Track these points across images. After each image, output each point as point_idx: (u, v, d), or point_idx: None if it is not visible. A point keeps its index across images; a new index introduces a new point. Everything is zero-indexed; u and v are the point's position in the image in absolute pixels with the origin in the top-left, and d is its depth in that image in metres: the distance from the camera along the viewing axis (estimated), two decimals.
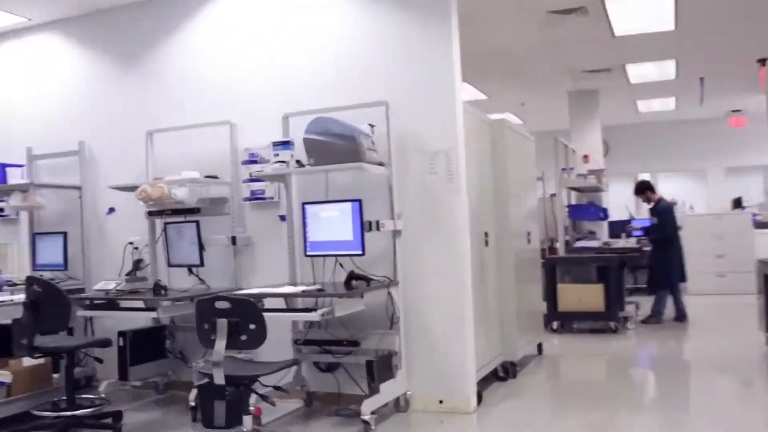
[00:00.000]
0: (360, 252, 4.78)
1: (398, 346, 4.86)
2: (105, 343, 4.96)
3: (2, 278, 5.85)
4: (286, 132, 5.31)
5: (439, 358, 5.00)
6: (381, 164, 4.90)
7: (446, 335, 4.99)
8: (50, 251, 6.29)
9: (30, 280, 4.67)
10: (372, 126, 4.97)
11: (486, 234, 5.73)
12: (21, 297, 4.90)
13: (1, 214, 6.92)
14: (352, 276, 4.76)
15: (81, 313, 5.28)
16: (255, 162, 5.55)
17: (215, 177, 5.56)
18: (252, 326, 3.72)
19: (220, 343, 3.71)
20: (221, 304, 3.78)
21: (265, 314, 4.00)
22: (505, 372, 5.92)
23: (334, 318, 4.40)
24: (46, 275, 6.27)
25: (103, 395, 5.28)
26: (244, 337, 3.73)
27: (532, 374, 6.25)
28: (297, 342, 5.15)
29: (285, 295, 4.67)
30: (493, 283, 5.91)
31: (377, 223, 4.78)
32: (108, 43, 6.44)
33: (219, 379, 3.72)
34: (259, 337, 3.73)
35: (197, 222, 5.44)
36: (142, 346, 5.51)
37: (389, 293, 4.84)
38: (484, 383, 5.44)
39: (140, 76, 6.24)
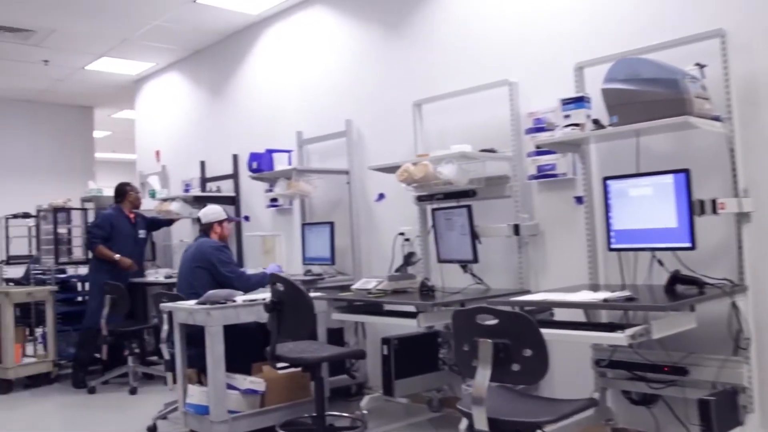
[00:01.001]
0: (688, 244, 3.37)
1: (748, 379, 3.36)
2: (358, 355, 4.17)
3: (275, 268, 5.40)
4: (580, 87, 4.05)
5: None
6: (716, 119, 3.43)
7: None
8: (318, 243, 5.70)
9: (273, 278, 3.98)
10: (701, 66, 3.52)
11: None
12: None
13: (274, 203, 6.54)
14: (676, 278, 3.38)
15: (336, 316, 4.53)
16: (542, 129, 4.36)
17: (492, 150, 4.48)
18: (527, 352, 2.56)
19: (482, 374, 2.61)
20: (485, 319, 2.68)
21: (551, 331, 2.91)
22: None
23: (650, 340, 3.07)
24: (315, 270, 5.74)
25: (364, 411, 4.48)
26: (515, 367, 2.59)
27: None
28: (599, 364, 3.87)
29: (580, 306, 3.41)
30: None
31: (713, 202, 3.34)
32: (372, 10, 5.69)
33: (480, 423, 2.62)
34: (537, 367, 2.57)
35: (468, 207, 4.41)
36: (410, 355, 4.61)
37: (733, 303, 3.35)
38: None
39: (406, 42, 5.37)
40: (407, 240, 5.14)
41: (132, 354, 6.32)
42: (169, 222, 7.40)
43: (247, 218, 7.01)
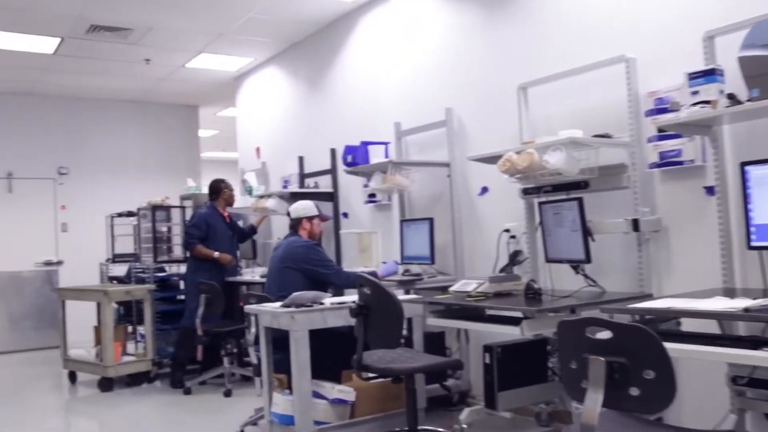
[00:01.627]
0: None
1: None
2: (455, 366, 3.76)
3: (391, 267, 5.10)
4: (710, 59, 3.48)
5: None
6: None
7: None
8: (417, 241, 5.33)
9: (360, 280, 3.64)
10: None
11: None
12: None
13: (372, 199, 6.22)
14: None
15: (431, 321, 4.14)
16: (664, 111, 3.80)
17: (606, 136, 3.96)
18: (649, 374, 2.08)
19: (593, 398, 2.16)
20: (596, 331, 2.23)
21: (679, 346, 2.47)
22: None
23: None
24: (414, 269, 5.37)
25: (464, 426, 4.06)
26: (634, 391, 2.12)
27: None
28: (737, 381, 3.30)
29: (714, 316, 2.88)
30: None
31: None
32: None
33: None
34: (661, 393, 2.09)
35: (579, 200, 3.91)
36: (516, 364, 4.15)
37: None
38: None
39: (509, 21, 4.90)
40: (513, 237, 4.72)
41: (228, 355, 6.16)
42: (252, 231, 7.22)
43: (345, 215, 6.73)
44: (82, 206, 9.65)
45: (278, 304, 4.17)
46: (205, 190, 7.16)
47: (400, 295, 4.66)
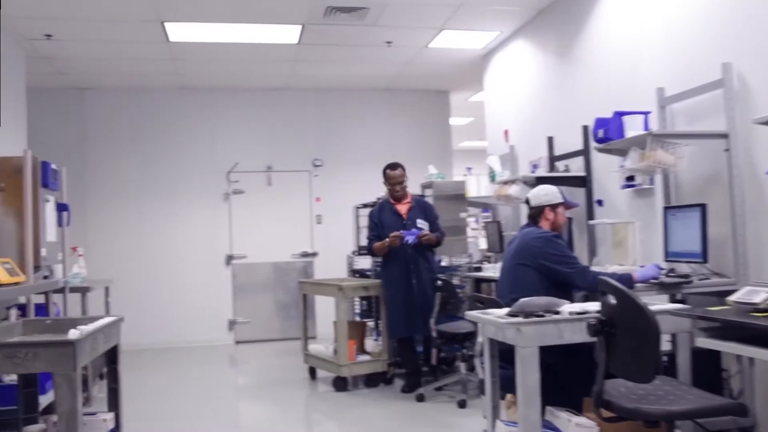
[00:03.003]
0: None
1: None
2: (736, 411, 2.76)
3: (650, 271, 4.13)
4: None
5: None
6: None
7: None
8: (685, 233, 4.31)
9: (601, 286, 2.81)
10: None
11: None
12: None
13: (630, 183, 5.22)
14: None
15: (702, 342, 3.13)
16: None
17: None
18: None
19: None
20: None
21: None
22: None
23: None
24: (680, 269, 4.36)
25: None
26: None
27: None
28: None
29: None
30: None
31: None
32: None
33: None
34: None
35: None
36: None
37: None
38: None
39: None
40: None
41: (464, 360, 5.55)
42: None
43: (600, 202, 5.78)
44: (335, 197, 9.64)
45: (504, 311, 3.46)
46: (455, 178, 6.56)
47: (662, 303, 3.72)
